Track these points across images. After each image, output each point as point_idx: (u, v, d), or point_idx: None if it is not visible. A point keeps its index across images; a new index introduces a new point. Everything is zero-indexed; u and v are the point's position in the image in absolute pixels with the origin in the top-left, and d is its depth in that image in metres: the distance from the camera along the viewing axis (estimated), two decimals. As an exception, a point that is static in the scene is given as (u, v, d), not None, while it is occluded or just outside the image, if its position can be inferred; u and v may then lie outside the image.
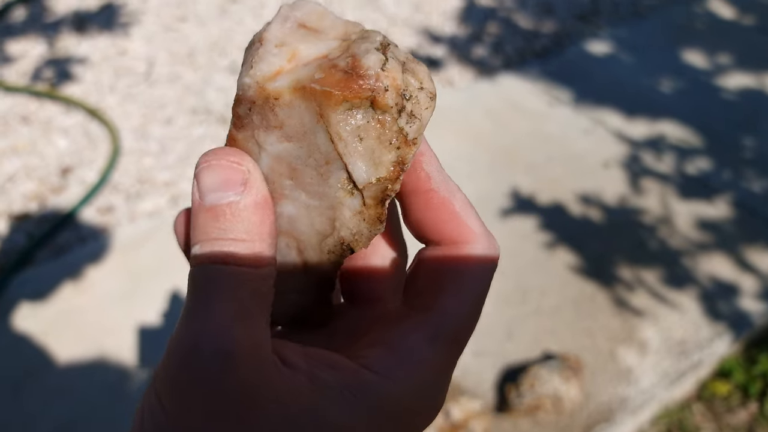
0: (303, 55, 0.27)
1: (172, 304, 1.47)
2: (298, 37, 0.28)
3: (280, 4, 2.06)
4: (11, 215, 1.73)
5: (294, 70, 0.27)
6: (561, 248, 1.61)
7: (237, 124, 0.28)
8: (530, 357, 1.38)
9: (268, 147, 0.27)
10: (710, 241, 1.63)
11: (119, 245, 1.62)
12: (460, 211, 0.30)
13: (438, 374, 0.29)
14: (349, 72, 0.26)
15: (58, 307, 1.48)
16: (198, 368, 0.25)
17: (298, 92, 0.26)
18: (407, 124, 0.27)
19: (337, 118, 0.26)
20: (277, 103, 0.26)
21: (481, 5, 2.65)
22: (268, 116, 0.27)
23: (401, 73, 0.27)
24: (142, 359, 1.38)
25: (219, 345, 0.24)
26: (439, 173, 0.30)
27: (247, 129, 0.27)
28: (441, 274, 0.30)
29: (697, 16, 2.57)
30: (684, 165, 1.85)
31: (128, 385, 1.33)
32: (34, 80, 2.22)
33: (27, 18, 2.55)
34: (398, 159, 0.27)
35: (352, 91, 0.26)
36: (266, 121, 0.27)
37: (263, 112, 0.27)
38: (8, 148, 1.94)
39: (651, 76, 2.22)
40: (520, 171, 1.83)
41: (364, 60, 0.26)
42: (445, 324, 0.29)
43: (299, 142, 0.27)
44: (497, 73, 2.23)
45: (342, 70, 0.26)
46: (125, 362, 1.37)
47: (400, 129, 0.27)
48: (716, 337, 1.44)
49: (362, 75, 0.26)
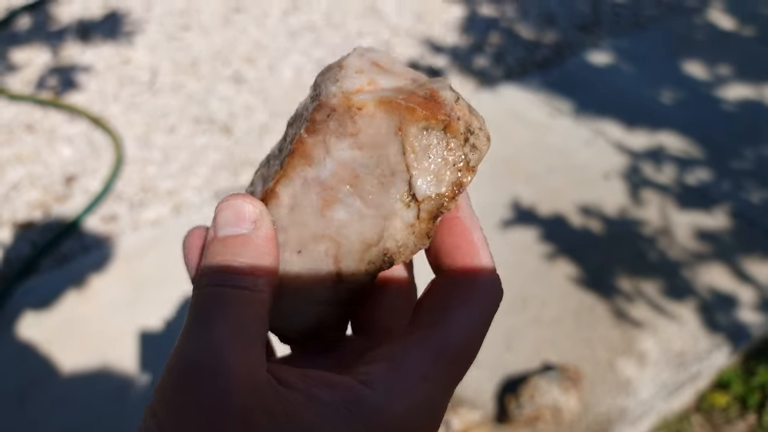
0: (381, 84, 0.30)
1: (175, 313, 1.49)
2: (373, 71, 0.31)
3: (281, 12, 2.05)
4: (15, 224, 1.74)
5: (375, 91, 0.30)
6: (561, 259, 1.62)
7: (310, 129, 0.30)
8: (530, 367, 1.39)
9: (337, 152, 0.30)
10: (709, 252, 1.64)
11: (122, 254, 1.64)
12: (477, 243, 0.31)
13: (439, 392, 0.29)
14: (429, 99, 0.30)
15: (61, 316, 1.49)
16: (192, 388, 0.25)
17: (383, 105, 0.29)
18: (470, 152, 0.30)
19: (414, 132, 0.29)
20: (359, 112, 0.29)
21: (482, 16, 2.67)
22: (346, 123, 0.29)
23: (468, 111, 0.30)
24: (145, 368, 1.39)
25: (214, 365, 0.25)
26: (467, 206, 0.32)
27: (320, 134, 0.30)
28: (450, 295, 0.31)
29: (697, 27, 2.59)
30: (684, 176, 1.87)
31: (131, 393, 1.34)
32: (39, 89, 2.24)
33: (32, 26, 2.57)
34: (457, 181, 0.30)
35: (433, 112, 0.29)
36: (342, 128, 0.29)
37: (342, 119, 0.29)
38: (12, 157, 1.95)
39: (651, 86, 2.24)
40: (521, 182, 1.84)
41: (441, 93, 0.30)
42: (450, 340, 0.29)
43: (370, 151, 0.30)
44: (499, 84, 2.25)
45: (422, 96, 0.30)
46: (128, 371, 1.38)
47: (464, 155, 0.30)
48: (715, 348, 1.44)
49: (440, 102, 0.30)
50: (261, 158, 1.95)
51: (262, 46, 2.48)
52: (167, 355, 0.27)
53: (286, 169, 0.31)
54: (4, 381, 1.36)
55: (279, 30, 2.58)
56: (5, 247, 1.68)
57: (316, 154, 0.30)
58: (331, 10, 2.70)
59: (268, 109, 2.16)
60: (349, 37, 2.52)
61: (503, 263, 1.57)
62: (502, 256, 1.57)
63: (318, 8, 2.72)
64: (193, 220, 1.73)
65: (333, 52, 2.43)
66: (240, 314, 0.27)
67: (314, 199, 0.30)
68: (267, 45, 2.49)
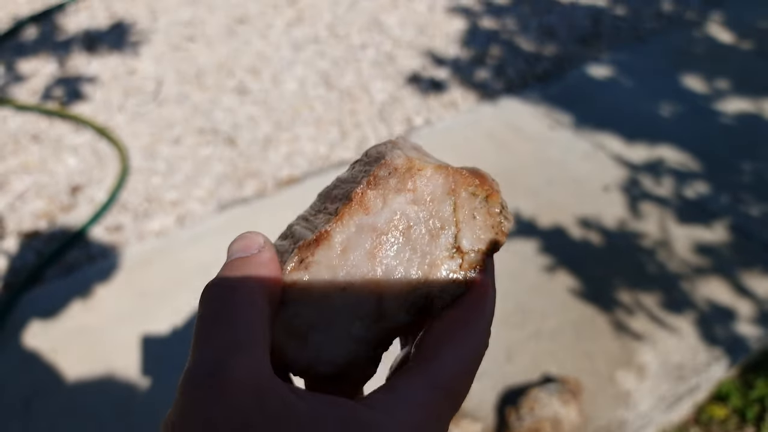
0: (428, 159, 0.36)
1: (179, 323, 1.50)
2: (414, 152, 0.36)
3: (285, 24, 2.08)
4: (21, 233, 1.76)
5: (427, 161, 0.35)
6: (561, 271, 1.63)
7: (371, 183, 0.34)
8: (530, 379, 1.41)
9: (393, 205, 0.34)
10: (708, 265, 1.66)
11: (127, 264, 1.65)
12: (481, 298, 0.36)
13: (434, 420, 0.31)
14: (474, 172, 0.36)
15: (66, 326, 1.50)
16: (198, 391, 0.27)
17: (440, 170, 0.34)
18: (505, 220, 0.36)
19: (465, 195, 0.35)
20: (419, 174, 0.34)
21: (484, 28, 2.70)
22: (406, 182, 0.34)
23: (500, 190, 0.37)
24: (150, 378, 1.40)
25: (218, 370, 0.28)
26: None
27: (380, 188, 0.34)
28: (443, 332, 0.34)
29: (696, 40, 2.62)
30: (683, 189, 1.88)
31: (136, 403, 1.36)
32: (45, 99, 2.26)
33: (38, 36, 2.60)
34: (493, 240, 0.36)
35: (481, 181, 0.36)
36: (402, 184, 0.34)
37: (403, 177, 0.34)
38: (19, 166, 1.97)
39: (651, 100, 2.26)
40: (521, 194, 1.86)
41: (481, 170, 0.37)
42: (443, 373, 0.32)
43: (424, 206, 0.34)
44: (499, 97, 2.27)
45: (468, 169, 0.36)
46: (133, 380, 1.39)
47: (500, 222, 0.36)
48: (713, 361, 1.46)
49: (484, 176, 0.36)
50: (265, 169, 1.97)
51: (266, 58, 2.50)
52: (171, 365, 0.30)
53: (341, 216, 0.34)
54: (10, 390, 1.38)
55: (283, 42, 2.61)
56: (11, 256, 1.70)
57: (374, 205, 0.34)
58: (335, 23, 2.72)
59: (271, 120, 2.18)
60: (352, 49, 2.55)
61: (504, 275, 1.59)
62: (503, 268, 1.59)
63: (321, 20, 2.74)
64: (197, 232, 1.75)
65: (336, 64, 2.46)
66: (243, 317, 0.30)
67: (367, 243, 0.34)
68: (271, 57, 2.51)
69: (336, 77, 2.39)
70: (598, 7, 2.84)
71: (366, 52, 2.53)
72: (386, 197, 0.34)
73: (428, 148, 0.38)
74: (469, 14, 2.79)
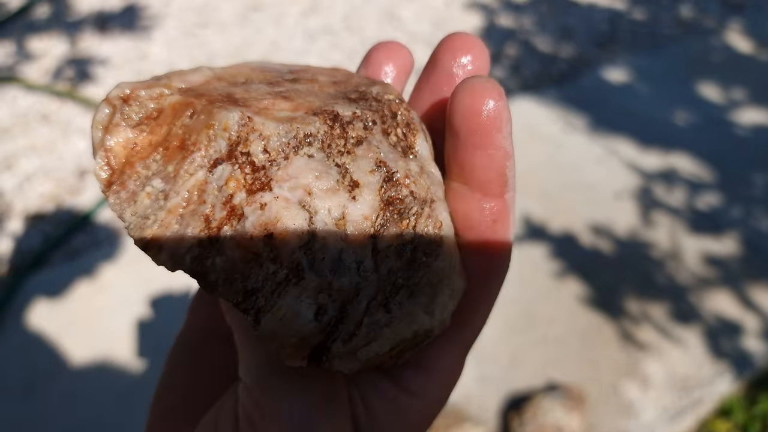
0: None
1: (184, 310, 1.49)
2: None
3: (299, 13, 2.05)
4: (28, 215, 1.75)
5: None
6: (570, 278, 1.62)
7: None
8: (534, 385, 1.40)
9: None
10: (717, 278, 1.65)
11: (133, 250, 1.65)
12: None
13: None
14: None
15: (71, 310, 1.50)
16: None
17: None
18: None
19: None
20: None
21: (500, 26, 2.67)
22: None
23: None
24: (152, 365, 1.40)
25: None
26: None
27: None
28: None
29: (714, 48, 2.59)
30: (694, 200, 1.87)
31: (137, 391, 1.35)
32: (55, 79, 2.25)
33: (50, 15, 2.58)
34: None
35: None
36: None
37: None
38: (28, 147, 1.96)
39: (666, 107, 2.24)
40: (533, 197, 1.84)
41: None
42: (473, 336, 0.32)
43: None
44: (514, 96, 2.25)
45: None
46: (135, 367, 1.39)
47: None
48: (718, 375, 1.45)
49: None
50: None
51: (279, 47, 2.49)
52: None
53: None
54: (12, 373, 1.37)
55: (297, 31, 2.59)
56: (17, 238, 1.69)
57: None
58: (350, 14, 2.70)
59: (282, 110, 2.17)
60: (366, 42, 2.53)
61: (512, 279, 1.58)
62: (512, 272, 1.58)
63: (336, 11, 2.72)
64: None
65: (350, 56, 2.44)
66: None
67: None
68: (284, 46, 2.49)
69: (350, 70, 2.37)
70: (616, 10, 2.82)
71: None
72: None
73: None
74: (486, 11, 2.77)
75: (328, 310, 0.24)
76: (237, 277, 0.24)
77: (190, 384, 0.34)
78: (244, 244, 0.24)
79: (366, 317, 0.25)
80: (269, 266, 0.24)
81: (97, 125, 0.27)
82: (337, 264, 0.24)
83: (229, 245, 0.24)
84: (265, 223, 0.24)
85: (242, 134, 0.25)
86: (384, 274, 0.25)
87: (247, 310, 0.24)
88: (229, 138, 0.25)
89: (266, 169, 0.25)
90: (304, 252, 0.24)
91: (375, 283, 0.25)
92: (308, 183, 0.25)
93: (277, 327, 0.23)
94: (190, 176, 0.25)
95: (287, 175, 0.25)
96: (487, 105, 0.26)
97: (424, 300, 0.27)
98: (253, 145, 0.25)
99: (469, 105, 0.26)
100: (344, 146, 0.27)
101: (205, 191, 0.24)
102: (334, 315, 0.24)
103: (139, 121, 0.27)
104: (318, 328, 0.24)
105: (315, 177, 0.25)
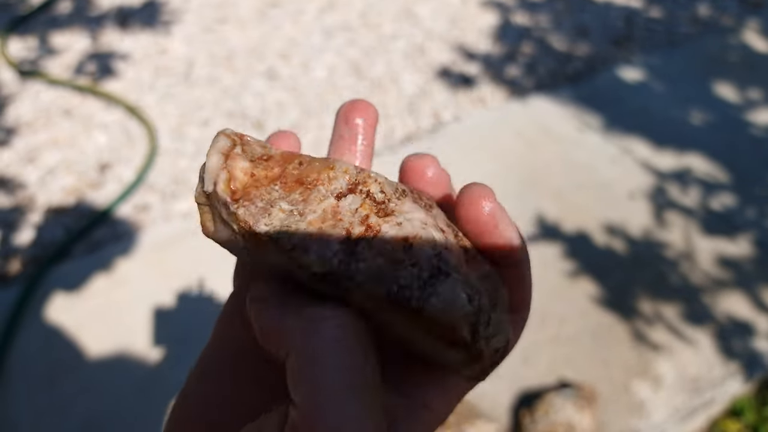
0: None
1: (202, 305, 1.53)
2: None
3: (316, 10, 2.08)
4: (50, 208, 1.79)
5: None
6: (583, 277, 1.64)
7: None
8: (545, 383, 1.42)
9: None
10: (730, 279, 1.65)
11: (153, 244, 1.68)
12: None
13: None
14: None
15: (91, 302, 1.53)
16: None
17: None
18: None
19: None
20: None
21: (516, 24, 2.68)
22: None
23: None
24: (170, 358, 1.43)
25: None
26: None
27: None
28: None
29: (731, 47, 2.58)
30: (709, 200, 1.87)
31: (156, 384, 1.39)
32: (77, 74, 2.29)
33: (72, 10, 2.62)
34: None
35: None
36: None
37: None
38: (50, 141, 2.00)
39: (681, 106, 2.24)
40: (547, 196, 1.86)
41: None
42: None
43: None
44: (529, 95, 2.26)
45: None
46: (153, 360, 1.42)
47: None
48: (729, 376, 1.46)
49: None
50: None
51: (296, 43, 2.51)
52: (192, 347, 0.31)
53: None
54: (35, 363, 1.41)
55: (314, 28, 2.61)
56: (40, 230, 1.73)
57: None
58: (367, 11, 2.72)
59: (299, 107, 2.19)
60: (383, 39, 2.54)
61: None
62: (524, 271, 1.59)
63: (354, 8, 2.74)
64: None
65: (367, 53, 2.46)
66: None
67: None
68: (302, 42, 2.52)
69: (366, 67, 2.39)
70: (632, 9, 2.81)
71: (397, 43, 2.52)
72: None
73: (456, 145, 0.36)
74: (502, 8, 2.77)
75: (475, 298, 0.28)
76: (387, 275, 0.28)
77: (220, 393, 0.34)
78: (386, 253, 0.28)
79: (492, 313, 0.30)
80: (411, 270, 0.28)
81: (218, 151, 0.30)
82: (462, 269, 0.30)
83: (371, 253, 0.28)
84: (404, 236, 0.28)
85: (360, 178, 0.30)
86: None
87: (408, 299, 0.27)
88: (349, 179, 0.30)
89: (386, 203, 0.29)
90: (438, 260, 0.28)
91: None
92: (422, 217, 0.29)
93: (446, 306, 0.27)
94: (321, 201, 0.29)
95: (404, 210, 0.29)
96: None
97: (504, 316, 0.31)
98: (372, 186, 0.30)
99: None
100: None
101: (339, 212, 0.29)
102: (479, 303, 0.29)
103: (252, 158, 0.31)
104: (472, 310, 0.28)
105: (424, 214, 0.30)
